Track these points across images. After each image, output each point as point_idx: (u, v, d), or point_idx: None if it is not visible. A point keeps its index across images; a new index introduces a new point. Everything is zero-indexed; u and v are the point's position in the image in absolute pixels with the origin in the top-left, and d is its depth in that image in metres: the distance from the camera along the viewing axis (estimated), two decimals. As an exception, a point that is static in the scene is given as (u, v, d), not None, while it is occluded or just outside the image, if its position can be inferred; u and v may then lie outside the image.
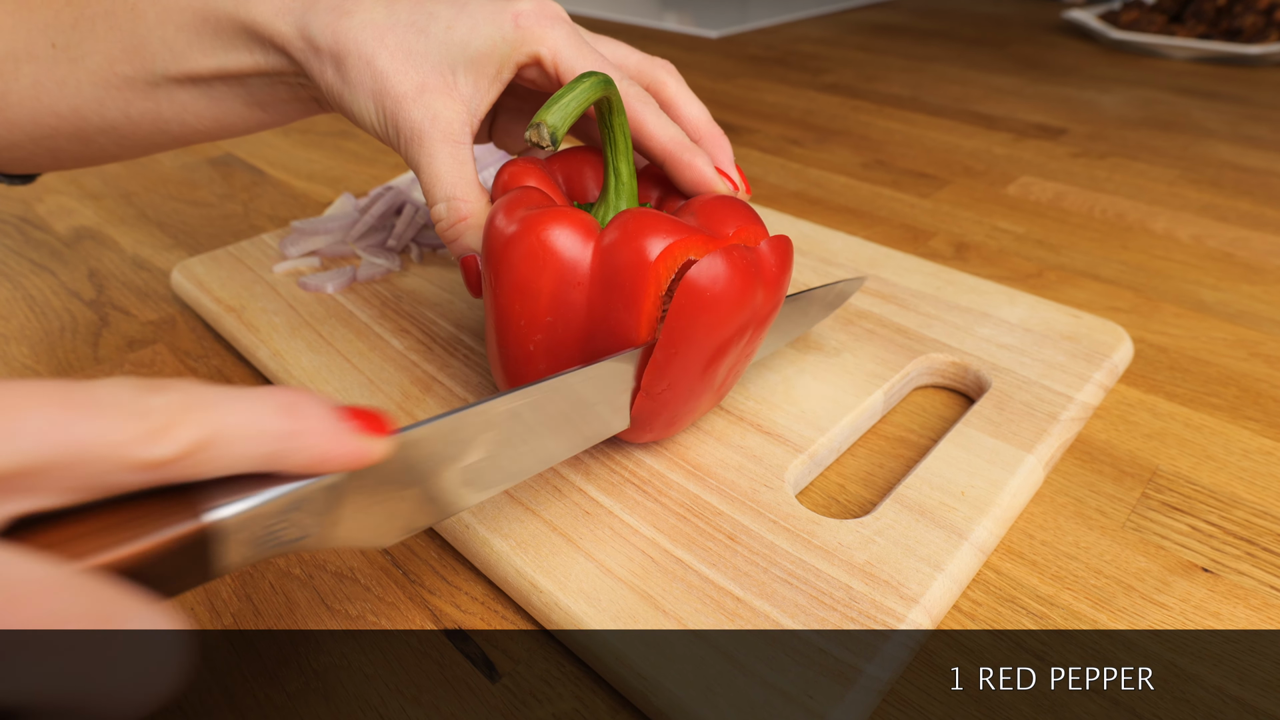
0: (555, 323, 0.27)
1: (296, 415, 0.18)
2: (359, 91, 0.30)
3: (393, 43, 0.30)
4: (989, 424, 0.33)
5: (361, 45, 0.30)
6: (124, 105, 0.33)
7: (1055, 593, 0.28)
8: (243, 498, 0.18)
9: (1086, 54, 1.01)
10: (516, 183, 0.30)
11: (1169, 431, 0.35)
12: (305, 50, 0.31)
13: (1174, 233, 0.54)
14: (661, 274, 0.26)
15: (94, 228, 0.56)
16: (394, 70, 0.30)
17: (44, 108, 0.33)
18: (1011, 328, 0.39)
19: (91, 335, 0.44)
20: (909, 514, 0.29)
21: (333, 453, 0.18)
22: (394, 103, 0.30)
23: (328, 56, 0.30)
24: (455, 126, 0.30)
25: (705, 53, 1.05)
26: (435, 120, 0.30)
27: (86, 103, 0.33)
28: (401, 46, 0.30)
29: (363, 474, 0.20)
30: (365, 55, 0.30)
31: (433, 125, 0.29)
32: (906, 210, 0.58)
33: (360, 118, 0.31)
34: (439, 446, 0.22)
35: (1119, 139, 0.72)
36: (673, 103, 0.32)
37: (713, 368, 0.28)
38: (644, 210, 0.27)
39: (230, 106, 0.34)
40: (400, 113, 0.30)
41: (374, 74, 0.30)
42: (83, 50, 0.32)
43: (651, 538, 0.28)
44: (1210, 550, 0.29)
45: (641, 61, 0.33)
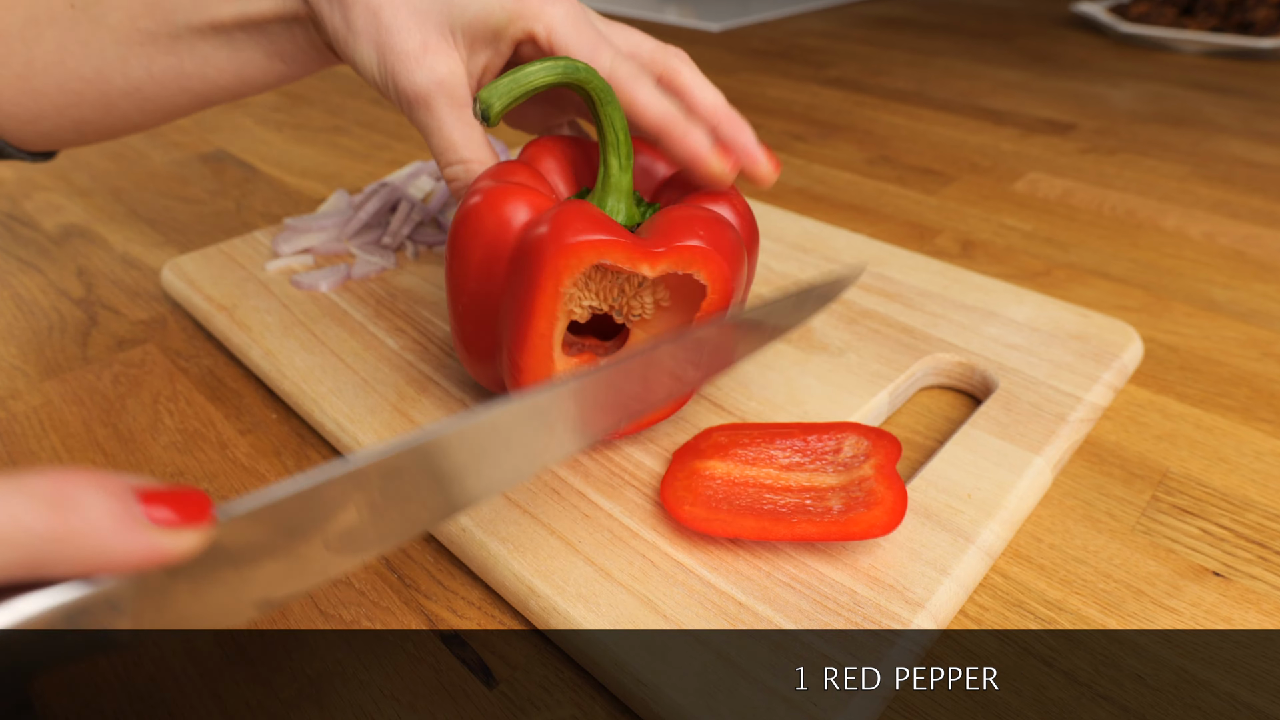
0: (478, 289, 0.29)
1: (68, 509, 0.15)
2: (362, 38, 0.31)
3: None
4: (996, 425, 0.33)
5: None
6: (147, 62, 0.34)
7: (1064, 597, 0.28)
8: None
9: (1096, 48, 1.01)
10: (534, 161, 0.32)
11: (1180, 433, 0.35)
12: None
13: (1185, 230, 0.54)
14: (562, 269, 0.26)
15: (83, 225, 0.56)
16: (398, 24, 0.30)
17: (69, 72, 0.33)
18: (1019, 327, 0.39)
19: (80, 335, 0.44)
20: (914, 517, 0.29)
21: (118, 553, 0.15)
22: (397, 59, 0.30)
23: (336, 2, 0.31)
24: (459, 89, 0.31)
25: (707, 46, 1.05)
26: (441, 83, 0.30)
27: (110, 63, 0.33)
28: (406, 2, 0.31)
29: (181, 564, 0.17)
30: (372, 6, 0.31)
31: (439, 88, 0.30)
32: (912, 207, 0.58)
33: (362, 66, 0.32)
34: (294, 519, 0.19)
35: (1129, 134, 0.72)
36: (687, 90, 0.32)
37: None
38: (582, 205, 0.27)
39: (251, 57, 0.35)
40: (402, 72, 0.30)
41: (378, 24, 0.30)
42: (102, 8, 0.33)
43: (652, 541, 0.28)
44: (1222, 554, 0.29)
45: (655, 50, 0.33)
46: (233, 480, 0.33)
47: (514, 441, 0.23)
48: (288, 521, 0.19)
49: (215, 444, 0.36)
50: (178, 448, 0.35)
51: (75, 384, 0.40)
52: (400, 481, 0.21)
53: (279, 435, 0.36)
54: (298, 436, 0.36)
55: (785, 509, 0.27)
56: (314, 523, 0.19)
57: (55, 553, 0.15)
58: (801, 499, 0.28)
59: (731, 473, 0.29)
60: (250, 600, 0.19)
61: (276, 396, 0.39)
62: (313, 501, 0.19)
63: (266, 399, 0.38)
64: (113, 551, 0.15)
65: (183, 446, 0.35)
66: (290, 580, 0.20)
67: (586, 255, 0.26)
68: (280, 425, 0.37)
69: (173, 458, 0.35)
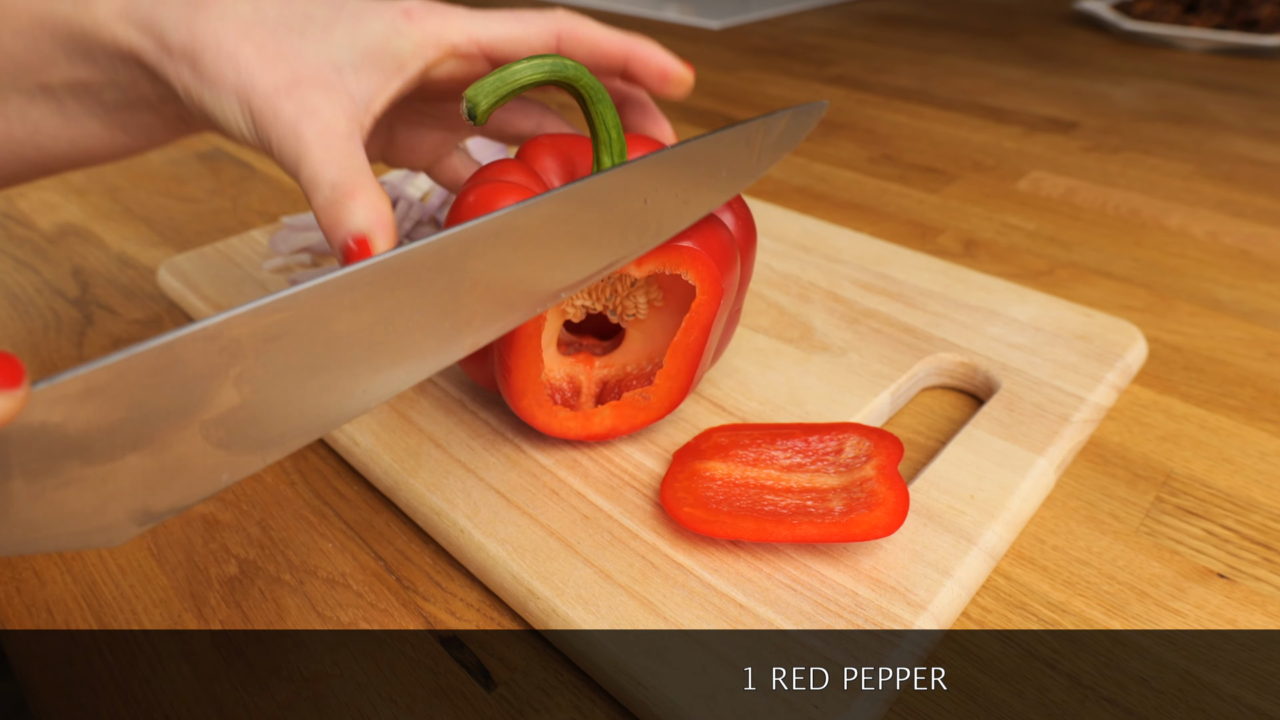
0: None
1: None
2: (221, 90, 0.26)
3: (261, 37, 0.27)
4: (999, 426, 0.33)
5: (222, 39, 0.26)
6: None
7: (1067, 599, 0.28)
8: None
9: (1099, 45, 1.01)
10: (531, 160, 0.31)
11: (1184, 433, 0.35)
12: (157, 52, 0.27)
13: (1189, 229, 0.54)
14: None
15: (78, 224, 0.56)
16: (261, 64, 0.26)
17: None
18: (1022, 327, 0.39)
19: (76, 334, 0.44)
20: (916, 518, 0.29)
21: None
22: (262, 98, 0.26)
23: (181, 56, 0.27)
24: (340, 121, 0.26)
25: (707, 44, 1.05)
26: (315, 113, 0.26)
27: None
28: (271, 42, 0.27)
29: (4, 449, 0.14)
30: (226, 50, 0.26)
31: (312, 117, 0.26)
32: (914, 206, 0.58)
33: (224, 122, 0.27)
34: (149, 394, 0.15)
35: (1132, 133, 0.72)
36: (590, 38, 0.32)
37: None
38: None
39: (86, 125, 0.31)
40: (269, 107, 0.26)
41: (237, 68, 0.26)
42: None
43: (652, 543, 0.28)
44: (1226, 555, 0.29)
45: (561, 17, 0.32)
46: (229, 481, 0.33)
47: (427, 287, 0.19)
48: (138, 397, 0.15)
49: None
50: (174, 448, 0.35)
51: (71, 384, 0.40)
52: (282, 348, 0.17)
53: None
54: (295, 437, 0.36)
55: (786, 510, 0.27)
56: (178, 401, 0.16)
57: None
58: (803, 500, 0.28)
59: (732, 474, 0.29)
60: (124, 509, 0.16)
61: (274, 397, 0.38)
62: (164, 367, 0.15)
63: (263, 399, 0.38)
64: None
65: (179, 447, 0.35)
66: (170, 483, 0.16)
67: None
68: (277, 426, 0.37)
69: (169, 458, 0.35)
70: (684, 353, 0.30)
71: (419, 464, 0.31)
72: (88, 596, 0.29)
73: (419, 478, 0.31)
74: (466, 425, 0.33)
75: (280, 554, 0.30)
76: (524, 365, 0.28)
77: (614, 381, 0.32)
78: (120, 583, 0.29)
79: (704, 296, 0.28)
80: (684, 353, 0.30)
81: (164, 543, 0.30)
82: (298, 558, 0.30)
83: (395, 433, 0.33)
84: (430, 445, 0.32)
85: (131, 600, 0.28)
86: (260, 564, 0.30)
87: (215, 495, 0.16)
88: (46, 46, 0.28)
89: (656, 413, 0.31)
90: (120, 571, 0.29)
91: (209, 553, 0.30)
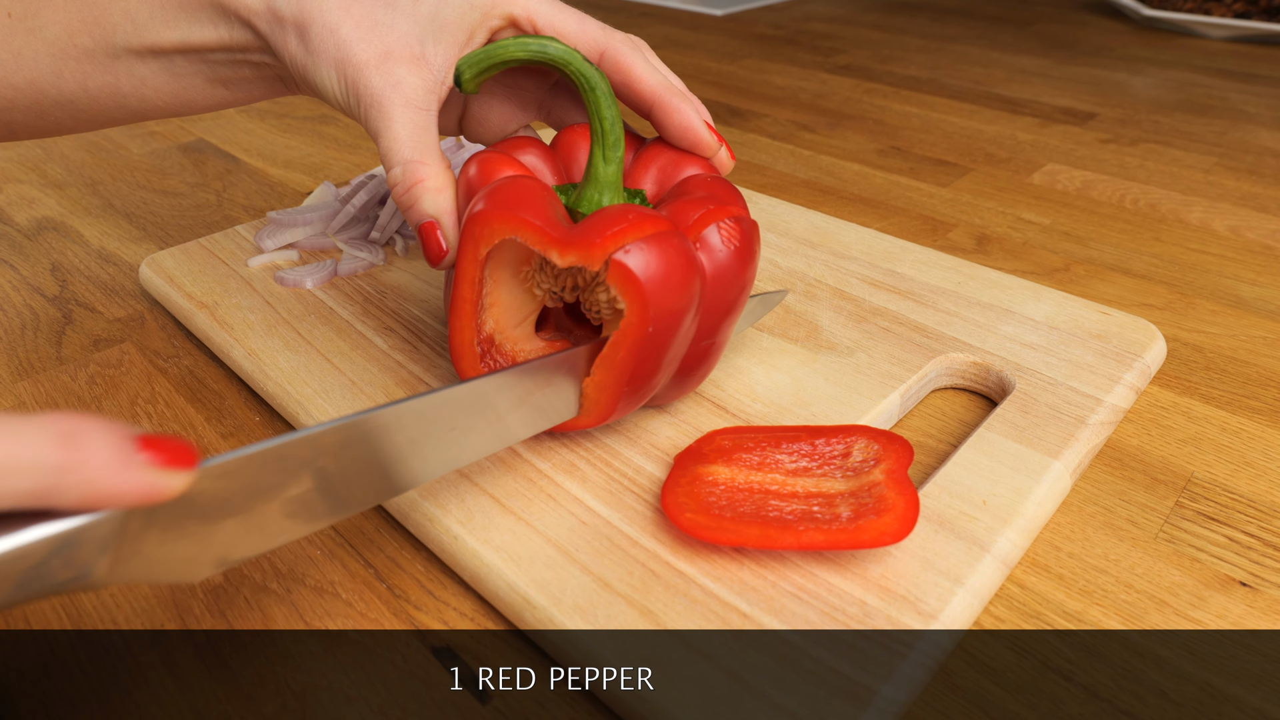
0: None
1: (76, 446, 0.17)
2: (322, 60, 0.31)
3: (359, 12, 0.31)
4: (1013, 428, 0.33)
5: (326, 14, 0.31)
6: (82, 78, 0.34)
7: (1083, 608, 0.28)
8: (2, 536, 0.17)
9: (1117, 33, 1.01)
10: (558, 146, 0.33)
11: (1205, 436, 0.35)
12: (270, 22, 0.32)
13: (1210, 224, 0.54)
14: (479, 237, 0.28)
15: (57, 219, 0.56)
16: (358, 38, 0.31)
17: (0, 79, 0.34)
18: (1036, 326, 0.39)
19: (54, 334, 0.44)
20: (927, 524, 0.29)
21: (117, 488, 0.18)
22: (355, 70, 0.31)
23: (291, 27, 0.31)
24: (420, 94, 0.31)
25: (709, 31, 1.05)
26: (398, 86, 0.30)
27: (43, 75, 0.34)
28: (368, 16, 0.31)
29: (159, 509, 0.20)
30: (329, 24, 0.31)
31: (395, 90, 0.30)
32: (924, 200, 0.58)
33: (323, 88, 0.32)
34: (257, 478, 0.22)
35: (1151, 124, 0.72)
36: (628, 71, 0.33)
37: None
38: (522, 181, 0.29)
39: (191, 82, 0.35)
40: (361, 79, 0.31)
41: (337, 42, 0.31)
42: (41, 20, 0.33)
43: (652, 550, 0.28)
44: (1248, 563, 0.29)
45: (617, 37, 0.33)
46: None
47: (458, 424, 0.26)
48: (252, 480, 0.21)
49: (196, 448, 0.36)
50: (156, 452, 0.35)
51: (49, 385, 0.40)
52: (352, 452, 0.24)
53: (262, 439, 0.36)
54: (282, 440, 0.36)
55: (792, 516, 0.27)
56: (274, 484, 0.22)
57: (61, 484, 0.17)
58: (809, 505, 0.28)
59: (735, 478, 0.29)
60: (210, 557, 0.22)
61: (260, 398, 0.39)
62: (275, 462, 0.22)
63: (249, 401, 0.38)
64: (111, 486, 0.18)
65: (161, 450, 0.35)
66: (247, 540, 0.22)
67: (498, 227, 0.28)
68: (264, 429, 0.37)
69: (151, 462, 0.35)
70: (610, 368, 0.29)
71: (411, 468, 0.31)
72: (66, 605, 0.29)
73: (411, 482, 0.31)
74: (460, 428, 0.33)
75: (266, 561, 0.30)
76: (461, 328, 0.30)
77: None
78: (101, 591, 0.29)
79: (632, 317, 0.27)
80: (610, 368, 0.29)
81: (146, 550, 0.30)
82: (285, 565, 0.30)
83: (386, 436, 0.33)
84: (422, 448, 0.32)
85: (112, 609, 0.28)
86: (246, 571, 0.30)
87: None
88: (170, 11, 0.33)
89: (578, 422, 0.30)
90: (100, 580, 0.29)
91: (193, 560, 0.30)
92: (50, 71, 0.34)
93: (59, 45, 0.33)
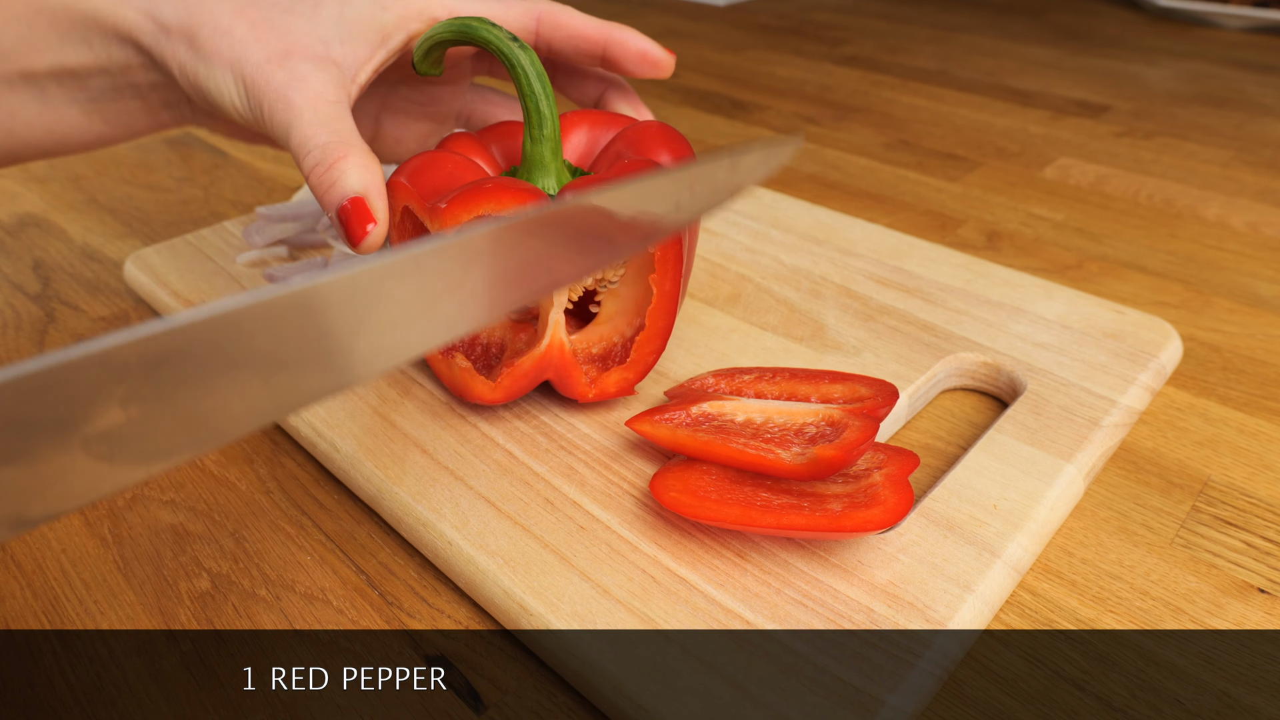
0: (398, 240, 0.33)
1: None
2: (216, 64, 0.29)
3: (254, 15, 0.30)
4: (1024, 430, 0.33)
5: (217, 17, 0.30)
6: None
7: (1097, 615, 0.28)
8: None
9: (1131, 23, 1.01)
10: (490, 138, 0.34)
11: (1222, 439, 0.35)
12: (154, 34, 0.30)
13: (1228, 220, 0.54)
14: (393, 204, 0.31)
15: (39, 214, 0.56)
16: (254, 38, 0.29)
17: None
18: (1049, 324, 0.39)
19: (37, 333, 0.44)
20: (936, 529, 0.29)
21: None
22: (254, 68, 0.29)
23: (179, 35, 0.30)
24: (329, 87, 0.29)
25: (711, 22, 1.05)
26: (304, 79, 0.29)
27: None
28: (264, 20, 0.30)
29: None
30: (221, 26, 0.29)
31: (301, 83, 0.29)
32: (933, 195, 0.58)
33: (218, 95, 0.30)
34: (16, 414, 0.16)
35: (1167, 117, 0.72)
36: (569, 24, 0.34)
37: None
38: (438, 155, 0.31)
39: (65, 113, 0.33)
40: (260, 77, 0.29)
41: (232, 42, 0.29)
42: None
43: (653, 555, 0.28)
44: (1267, 569, 0.29)
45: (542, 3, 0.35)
46: (201, 490, 0.33)
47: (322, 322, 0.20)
48: (13, 416, 0.16)
49: None
50: (141, 455, 0.35)
51: (31, 386, 0.40)
52: (172, 372, 0.18)
53: (251, 441, 0.36)
54: (271, 442, 0.36)
55: (779, 505, 0.28)
56: (58, 420, 0.17)
57: None
58: (800, 501, 0.28)
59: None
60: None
61: (248, 399, 0.39)
62: (41, 391, 0.16)
63: (237, 402, 0.38)
64: None
65: (147, 453, 0.35)
66: (47, 494, 0.17)
67: (399, 195, 0.31)
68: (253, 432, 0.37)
69: (136, 465, 0.35)
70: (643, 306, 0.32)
71: (403, 471, 0.31)
72: (49, 612, 0.29)
73: (403, 486, 0.31)
74: (454, 430, 0.33)
75: (255, 567, 0.30)
76: None
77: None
78: (84, 598, 0.29)
79: None
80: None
81: (130, 555, 0.31)
82: (274, 571, 0.30)
83: (378, 438, 0.33)
84: (415, 451, 0.32)
85: (96, 617, 0.28)
86: (234, 578, 0.30)
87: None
88: (39, 32, 0.31)
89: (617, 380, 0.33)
90: (84, 586, 0.29)
91: (179, 566, 0.30)
92: None
93: None
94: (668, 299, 0.32)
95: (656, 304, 0.32)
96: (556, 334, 0.32)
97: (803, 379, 0.34)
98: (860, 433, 0.28)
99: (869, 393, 0.32)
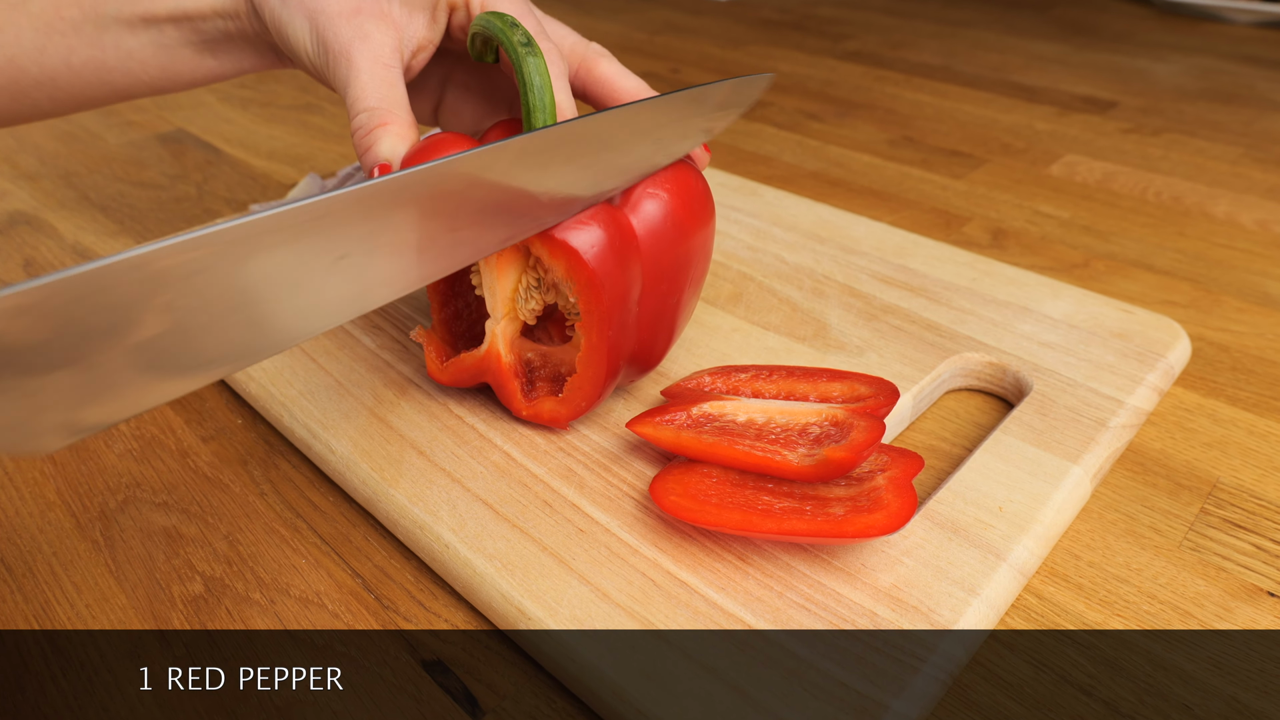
0: None
1: None
2: (295, 13, 0.32)
3: None
4: (1030, 431, 0.33)
5: None
6: (66, 53, 0.35)
7: (1104, 619, 0.28)
8: None
9: (1139, 18, 1.01)
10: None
11: (1231, 440, 0.35)
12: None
13: (1237, 218, 0.54)
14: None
15: (30, 212, 0.56)
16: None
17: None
18: (1055, 324, 0.39)
19: (27, 332, 0.44)
20: (940, 532, 0.29)
21: None
22: (326, 20, 0.32)
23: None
24: (386, 49, 0.32)
25: (713, 17, 1.05)
26: (366, 39, 0.32)
27: (25, 52, 0.34)
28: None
29: None
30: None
31: (363, 43, 0.32)
32: (938, 193, 0.58)
33: (295, 41, 0.33)
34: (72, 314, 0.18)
35: (1175, 113, 0.72)
36: (606, 80, 0.35)
37: None
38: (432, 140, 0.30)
39: (179, 53, 0.36)
40: (330, 29, 0.32)
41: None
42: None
43: (653, 558, 0.28)
44: (1277, 573, 0.29)
45: (576, 43, 0.35)
46: (194, 492, 0.33)
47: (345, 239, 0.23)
48: (66, 318, 0.17)
49: (175, 452, 0.36)
50: (134, 456, 0.35)
51: (22, 386, 0.40)
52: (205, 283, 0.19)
53: (245, 443, 0.36)
54: (265, 444, 0.36)
55: (780, 509, 0.28)
56: (105, 323, 0.18)
57: None
58: (802, 505, 0.28)
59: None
60: (54, 422, 0.19)
61: (242, 400, 0.39)
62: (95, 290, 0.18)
63: (231, 403, 0.38)
64: None
65: (139, 455, 0.36)
66: (98, 400, 0.19)
67: None
68: (246, 431, 0.37)
69: (128, 467, 0.35)
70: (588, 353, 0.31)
71: (400, 473, 0.31)
72: (39, 616, 0.29)
73: (400, 488, 0.31)
74: (451, 431, 0.33)
75: (249, 571, 0.30)
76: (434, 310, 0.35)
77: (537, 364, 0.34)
78: (75, 601, 0.29)
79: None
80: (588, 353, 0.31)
81: (123, 558, 0.30)
82: (268, 575, 0.30)
83: (374, 439, 0.33)
84: (412, 453, 0.32)
85: (88, 620, 0.28)
86: (228, 581, 0.30)
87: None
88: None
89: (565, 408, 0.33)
90: (75, 589, 0.29)
91: (172, 569, 0.30)
92: (33, 47, 0.34)
93: (44, 19, 0.34)
94: (595, 351, 0.31)
95: (585, 353, 0.31)
96: (495, 345, 0.32)
97: (800, 377, 0.34)
98: (868, 433, 0.28)
99: (869, 391, 0.32)
